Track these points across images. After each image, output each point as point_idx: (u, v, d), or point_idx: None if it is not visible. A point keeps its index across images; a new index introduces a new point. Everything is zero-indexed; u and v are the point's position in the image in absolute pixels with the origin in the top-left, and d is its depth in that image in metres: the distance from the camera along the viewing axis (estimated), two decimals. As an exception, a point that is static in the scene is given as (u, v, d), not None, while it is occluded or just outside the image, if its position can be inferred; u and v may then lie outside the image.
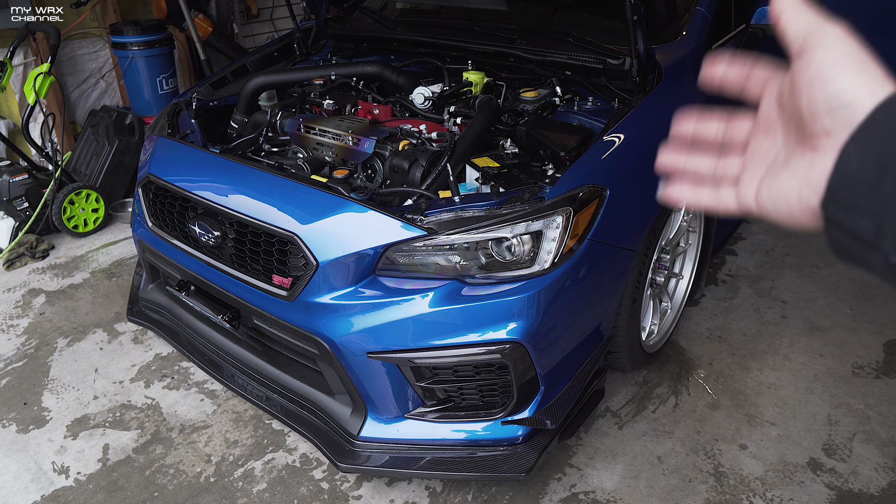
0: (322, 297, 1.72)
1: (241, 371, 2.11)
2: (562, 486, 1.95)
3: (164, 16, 4.20)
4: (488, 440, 1.79)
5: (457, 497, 1.92)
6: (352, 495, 1.92)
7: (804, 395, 2.29)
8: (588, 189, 1.73)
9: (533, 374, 1.74)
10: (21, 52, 3.80)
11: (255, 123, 2.38)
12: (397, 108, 2.30)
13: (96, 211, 3.50)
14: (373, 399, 1.80)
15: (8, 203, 3.35)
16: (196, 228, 1.94)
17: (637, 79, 2.05)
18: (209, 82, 2.68)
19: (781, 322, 2.69)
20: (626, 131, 1.90)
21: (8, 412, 2.26)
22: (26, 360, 2.52)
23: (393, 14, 3.07)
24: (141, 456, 2.07)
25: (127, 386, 2.37)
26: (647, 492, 1.93)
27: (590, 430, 2.15)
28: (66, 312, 2.82)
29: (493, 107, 2.07)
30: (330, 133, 2.09)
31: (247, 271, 1.88)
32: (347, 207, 1.73)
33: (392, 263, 1.71)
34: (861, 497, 1.91)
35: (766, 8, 2.39)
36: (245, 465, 2.03)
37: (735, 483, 1.95)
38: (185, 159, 2.13)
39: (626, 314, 2.03)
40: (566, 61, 2.20)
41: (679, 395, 2.29)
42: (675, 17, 2.44)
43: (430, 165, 1.91)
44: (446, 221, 1.66)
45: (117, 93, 4.44)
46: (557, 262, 1.67)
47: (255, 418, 2.20)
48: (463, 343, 1.67)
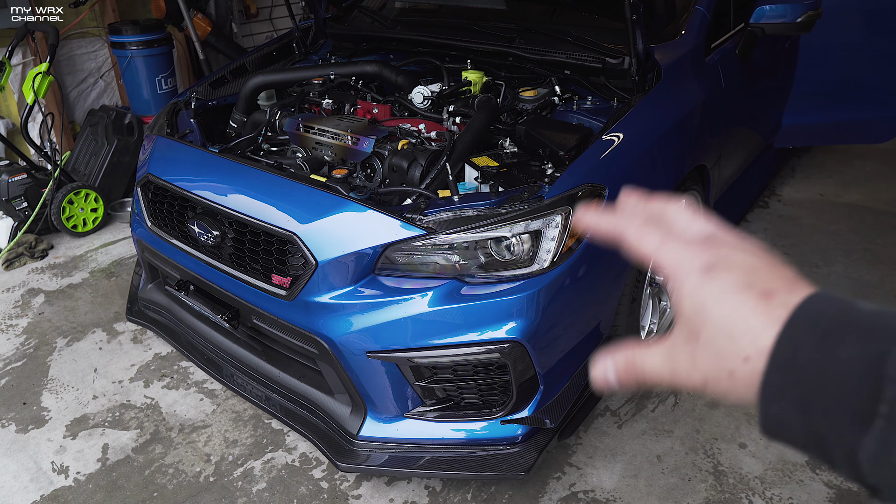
0: (321, 296, 1.72)
1: (240, 370, 2.11)
2: (561, 485, 1.95)
3: (162, 15, 4.19)
4: (488, 439, 1.79)
5: (456, 496, 1.92)
6: (351, 495, 1.92)
7: (803, 394, 2.29)
8: (587, 188, 1.73)
9: (532, 373, 1.74)
10: (20, 52, 3.79)
11: (254, 123, 2.38)
12: (396, 107, 2.30)
13: (95, 211, 3.50)
14: (372, 398, 1.80)
15: (7, 203, 3.35)
16: (195, 228, 1.94)
17: (636, 78, 2.05)
18: (208, 82, 2.68)
19: (780, 321, 2.68)
20: (625, 130, 1.90)
21: (7, 412, 2.26)
22: (25, 359, 2.52)
23: (392, 13, 3.07)
24: (140, 455, 2.07)
25: (126, 386, 2.37)
26: (647, 491, 1.93)
27: (589, 430, 2.15)
28: (66, 312, 2.82)
29: (492, 106, 2.07)
30: (329, 132, 2.09)
31: (246, 271, 1.88)
32: (346, 207, 1.73)
33: (391, 263, 1.71)
34: (860, 496, 1.91)
35: (766, 7, 2.39)
36: (244, 465, 2.03)
37: (734, 482, 1.95)
38: (184, 159, 2.13)
39: (626, 313, 2.03)
40: (565, 60, 2.19)
41: (678, 394, 2.30)
42: (675, 16, 2.44)
43: (429, 165, 1.91)
44: (445, 221, 1.66)
45: (116, 92, 4.44)
46: (557, 262, 1.67)
47: (255, 418, 2.20)
48: (462, 342, 1.67)
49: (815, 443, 0.35)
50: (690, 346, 0.40)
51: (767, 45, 2.78)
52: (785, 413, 0.35)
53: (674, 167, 2.07)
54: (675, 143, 2.09)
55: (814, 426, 0.34)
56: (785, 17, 2.38)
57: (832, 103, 3.27)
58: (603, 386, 0.45)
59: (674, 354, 0.42)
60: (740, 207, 3.25)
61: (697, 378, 0.40)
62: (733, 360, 0.38)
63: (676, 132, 2.09)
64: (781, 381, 0.35)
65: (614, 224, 0.46)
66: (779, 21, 2.39)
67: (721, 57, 2.42)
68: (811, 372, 0.34)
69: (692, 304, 0.40)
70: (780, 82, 3.18)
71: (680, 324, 0.41)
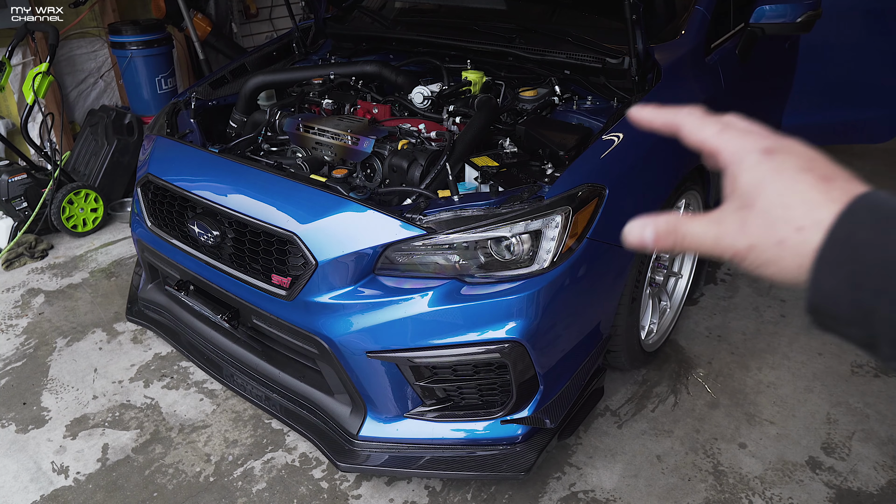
0: (321, 296, 1.72)
1: (240, 370, 2.11)
2: (561, 485, 1.95)
3: (162, 15, 4.19)
4: (488, 439, 1.79)
5: (456, 496, 1.92)
6: (351, 494, 1.92)
7: (803, 394, 2.29)
8: (587, 188, 1.73)
9: (532, 373, 1.74)
10: (20, 52, 3.79)
11: (254, 123, 2.38)
12: (396, 107, 2.30)
13: (95, 211, 3.50)
14: (372, 398, 1.80)
15: (7, 203, 3.35)
16: (195, 228, 1.94)
17: (636, 78, 2.05)
18: (208, 82, 2.68)
19: (780, 321, 2.69)
20: (625, 130, 1.90)
21: (7, 412, 2.26)
22: (25, 359, 2.52)
23: (392, 13, 3.07)
24: (140, 456, 2.07)
25: (126, 386, 2.37)
26: (647, 491, 1.93)
27: (589, 429, 2.15)
28: (66, 312, 2.82)
29: (492, 106, 2.07)
30: (329, 132, 2.09)
31: (246, 271, 1.88)
32: (346, 207, 1.73)
33: (391, 263, 1.71)
34: (860, 495, 1.91)
35: (766, 7, 2.39)
36: (244, 465, 2.03)
37: (734, 482, 1.95)
38: (184, 159, 2.13)
39: (626, 313, 2.03)
40: (565, 60, 2.19)
41: (678, 394, 2.29)
42: (674, 16, 2.44)
43: (429, 165, 1.91)
44: (445, 221, 1.66)
45: (116, 92, 4.44)
46: (556, 262, 1.67)
47: (255, 418, 2.20)
48: (462, 342, 1.67)
49: (861, 320, 0.36)
50: (742, 214, 0.41)
51: (767, 45, 2.78)
52: (836, 288, 0.37)
53: (673, 167, 2.07)
54: (675, 143, 2.08)
55: (864, 303, 0.36)
56: (785, 17, 2.38)
57: (832, 103, 3.27)
58: (635, 242, 0.45)
59: (722, 221, 0.42)
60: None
61: (743, 244, 0.41)
62: (786, 229, 0.39)
63: (676, 132, 2.08)
64: (837, 257, 0.37)
65: (672, 116, 0.47)
66: (779, 21, 2.39)
67: (721, 57, 2.42)
68: (868, 252, 0.36)
69: (750, 177, 0.41)
70: (780, 82, 3.18)
71: (733, 197, 0.42)
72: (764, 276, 0.41)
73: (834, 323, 0.38)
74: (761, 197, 0.40)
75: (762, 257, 0.40)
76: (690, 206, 2.39)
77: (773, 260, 0.40)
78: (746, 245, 0.41)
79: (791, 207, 0.39)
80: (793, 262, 0.39)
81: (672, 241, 0.44)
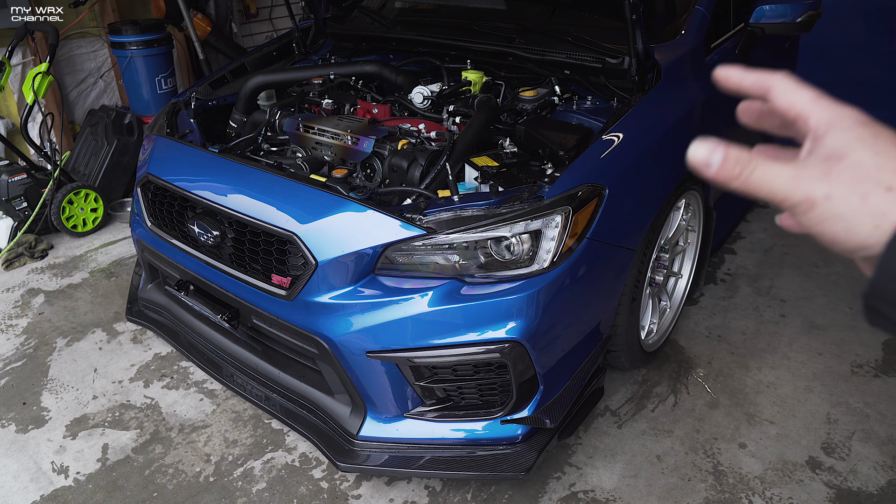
0: (321, 296, 1.72)
1: (240, 370, 2.11)
2: (561, 485, 1.95)
3: (162, 15, 4.19)
4: (487, 439, 1.79)
5: (456, 496, 1.92)
6: (351, 494, 1.92)
7: (803, 394, 2.29)
8: (587, 188, 1.73)
9: (532, 373, 1.74)
10: (19, 52, 3.79)
11: (253, 123, 2.38)
12: (396, 107, 2.30)
13: (95, 210, 3.50)
14: (372, 398, 1.80)
15: (7, 203, 3.35)
16: (195, 228, 1.94)
17: (636, 78, 2.05)
18: (208, 82, 2.68)
19: (780, 321, 2.69)
20: (625, 130, 1.90)
21: (7, 412, 2.26)
22: (25, 359, 2.52)
23: (391, 13, 3.07)
24: (140, 456, 2.07)
25: (126, 386, 2.37)
26: (647, 490, 1.93)
27: (589, 429, 2.15)
28: (65, 312, 2.82)
29: (491, 106, 2.07)
30: (329, 132, 2.09)
31: (246, 271, 1.88)
32: (346, 207, 1.73)
33: (391, 263, 1.71)
34: (860, 495, 1.91)
35: (766, 7, 2.39)
36: (244, 465, 2.03)
37: (734, 482, 1.95)
38: (183, 159, 2.13)
39: (626, 313, 2.03)
40: (565, 60, 2.19)
41: (678, 394, 2.29)
42: (674, 16, 2.44)
43: (428, 165, 1.91)
44: (445, 221, 1.66)
45: (116, 92, 4.44)
46: (556, 262, 1.67)
47: (255, 418, 2.20)
48: (462, 342, 1.67)
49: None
50: (829, 163, 0.39)
51: (767, 45, 2.78)
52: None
53: (673, 167, 2.07)
54: (675, 142, 2.09)
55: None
56: (785, 17, 2.38)
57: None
58: (698, 164, 0.42)
59: (804, 164, 0.40)
60: (740, 207, 3.25)
61: (820, 192, 0.39)
62: (873, 185, 0.37)
63: (676, 132, 2.09)
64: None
65: (763, 78, 0.45)
66: (779, 21, 2.39)
67: (721, 57, 2.42)
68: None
69: (845, 136, 0.39)
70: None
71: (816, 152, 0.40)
72: (820, 234, 0.39)
73: (891, 308, 0.36)
74: (855, 152, 0.38)
75: (835, 209, 0.38)
76: (690, 207, 2.39)
77: (847, 215, 0.38)
78: (824, 193, 0.39)
79: (885, 169, 0.37)
80: (867, 222, 0.37)
81: (739, 171, 0.41)
